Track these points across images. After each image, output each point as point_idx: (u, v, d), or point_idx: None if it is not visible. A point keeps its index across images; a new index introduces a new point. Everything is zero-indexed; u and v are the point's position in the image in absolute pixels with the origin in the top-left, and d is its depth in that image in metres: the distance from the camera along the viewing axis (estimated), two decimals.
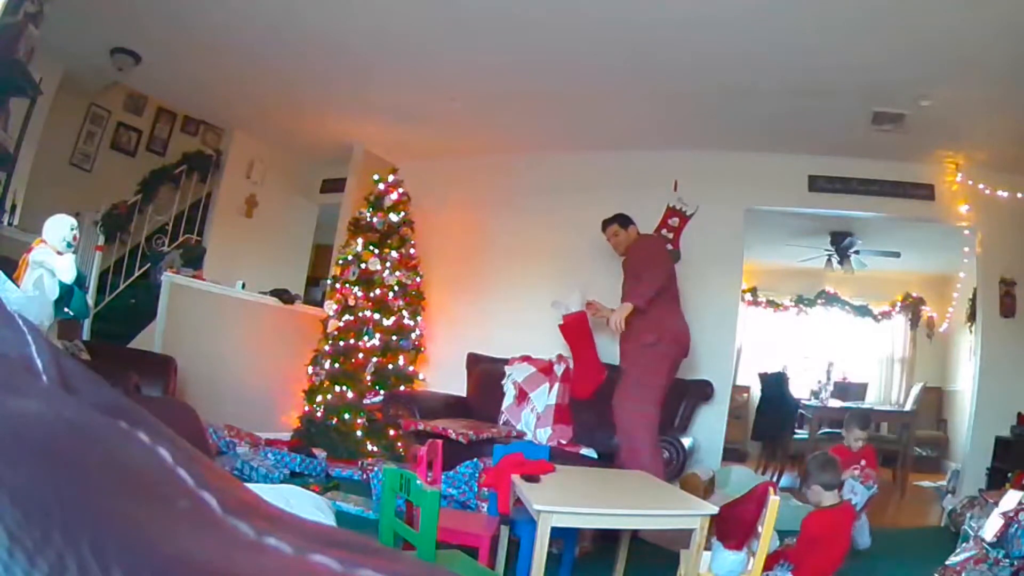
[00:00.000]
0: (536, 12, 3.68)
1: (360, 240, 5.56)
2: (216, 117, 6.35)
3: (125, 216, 5.80)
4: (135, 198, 5.98)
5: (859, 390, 7.61)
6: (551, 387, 4.61)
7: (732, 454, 6.78)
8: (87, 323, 4.60)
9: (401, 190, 5.77)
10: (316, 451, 4.76)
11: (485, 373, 5.00)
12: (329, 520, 2.14)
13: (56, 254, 2.83)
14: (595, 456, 4.14)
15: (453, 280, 5.93)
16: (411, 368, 5.50)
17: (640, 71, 4.24)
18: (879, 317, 8.67)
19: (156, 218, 6.21)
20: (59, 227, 2.88)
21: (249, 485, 0.67)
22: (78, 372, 0.27)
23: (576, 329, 4.59)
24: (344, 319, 5.41)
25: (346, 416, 5.17)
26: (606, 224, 4.37)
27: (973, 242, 5.10)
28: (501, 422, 4.59)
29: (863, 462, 3.84)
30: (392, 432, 4.93)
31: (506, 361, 4.91)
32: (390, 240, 5.60)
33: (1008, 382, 4.71)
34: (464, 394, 5.08)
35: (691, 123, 4.95)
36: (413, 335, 5.56)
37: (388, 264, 5.49)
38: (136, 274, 5.76)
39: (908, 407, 6.94)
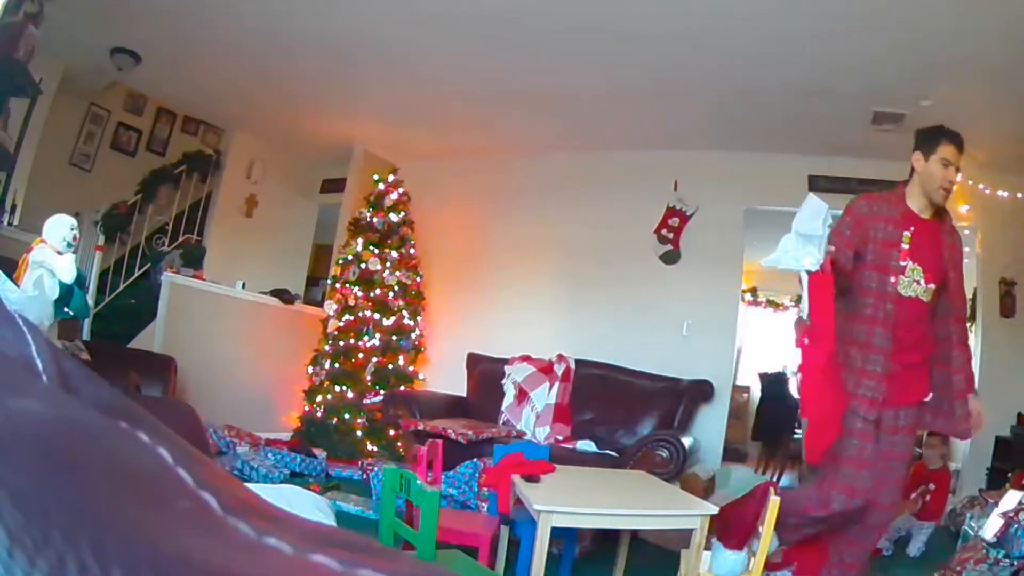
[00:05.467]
0: (535, 13, 3.68)
1: (360, 240, 5.56)
2: (216, 117, 6.36)
3: (125, 216, 5.79)
4: (135, 198, 5.98)
5: None
6: (551, 386, 4.61)
7: (732, 454, 6.78)
8: (87, 323, 4.60)
9: (401, 190, 5.77)
10: (316, 451, 4.76)
11: (485, 373, 5.00)
12: (329, 520, 2.14)
13: (56, 254, 2.82)
14: (594, 449, 4.16)
15: (453, 280, 5.93)
16: (411, 368, 5.50)
17: (640, 71, 4.24)
18: None
19: (156, 218, 6.21)
20: (59, 227, 2.88)
21: (249, 485, 0.67)
22: (78, 372, 0.27)
23: (827, 295, 2.18)
24: (344, 319, 5.41)
25: (346, 416, 5.17)
26: (955, 140, 2.42)
27: (973, 242, 5.10)
28: (501, 422, 4.60)
29: (931, 486, 3.78)
30: (392, 432, 4.93)
31: (506, 361, 4.91)
32: (390, 240, 5.60)
33: (1008, 382, 4.71)
34: (464, 394, 5.08)
35: (691, 123, 4.95)
36: (413, 335, 5.56)
37: (388, 264, 5.49)
38: (136, 274, 5.76)
39: None
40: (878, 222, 2.45)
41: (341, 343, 5.37)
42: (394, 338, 5.43)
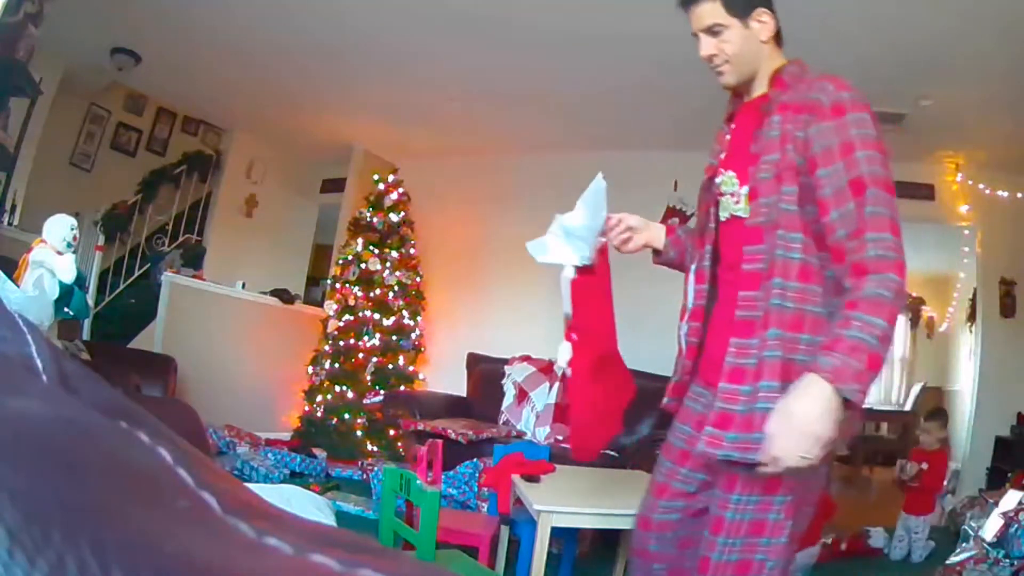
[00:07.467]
0: (535, 13, 3.68)
1: (360, 240, 5.56)
2: (216, 117, 6.36)
3: (125, 216, 5.80)
4: (135, 198, 5.99)
5: None
6: (551, 386, 4.61)
7: None
8: (87, 323, 4.60)
9: (401, 190, 5.77)
10: (316, 451, 4.76)
11: (485, 373, 5.00)
12: (329, 520, 2.14)
13: (56, 254, 2.83)
14: None
15: (453, 280, 5.93)
16: (411, 368, 5.51)
17: (640, 71, 4.24)
18: None
19: (156, 218, 6.22)
20: (59, 227, 2.88)
21: (249, 485, 0.67)
22: (78, 372, 0.27)
23: (593, 294, 1.82)
24: (344, 319, 5.41)
25: (346, 416, 5.17)
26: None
27: (973, 242, 5.10)
28: (501, 422, 4.59)
29: (924, 465, 3.77)
30: (392, 432, 4.93)
31: (506, 361, 4.91)
32: (390, 240, 5.60)
33: (1008, 382, 4.71)
34: (464, 394, 5.07)
35: (691, 123, 4.94)
36: (413, 335, 5.56)
37: (388, 264, 5.49)
38: (136, 274, 5.76)
39: (908, 407, 6.94)
40: (714, 148, 1.68)
41: (341, 343, 5.37)
42: (394, 338, 5.43)
